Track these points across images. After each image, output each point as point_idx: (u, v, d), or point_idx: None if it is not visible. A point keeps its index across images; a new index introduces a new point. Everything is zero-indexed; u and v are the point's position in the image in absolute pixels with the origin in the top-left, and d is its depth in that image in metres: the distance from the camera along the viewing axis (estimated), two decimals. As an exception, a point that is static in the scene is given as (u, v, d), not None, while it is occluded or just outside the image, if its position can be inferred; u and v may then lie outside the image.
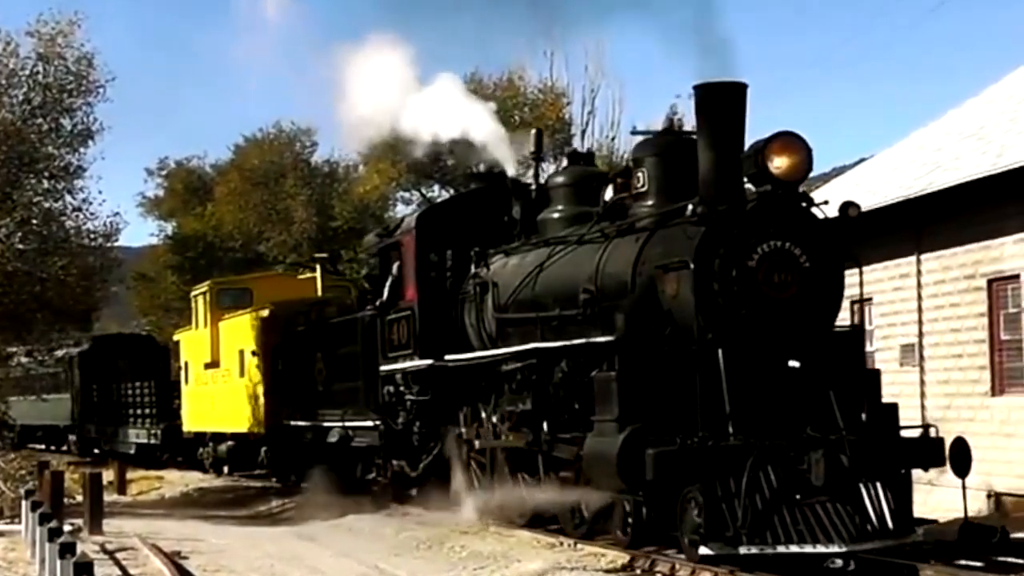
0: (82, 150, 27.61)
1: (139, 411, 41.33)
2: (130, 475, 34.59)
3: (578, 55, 47.15)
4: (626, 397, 14.57)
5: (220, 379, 33.07)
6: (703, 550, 13.61)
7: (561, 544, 16.78)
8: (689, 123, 18.85)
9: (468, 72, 45.16)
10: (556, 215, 18.69)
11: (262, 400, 30.04)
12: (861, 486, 13.89)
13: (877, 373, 15.40)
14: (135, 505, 29.36)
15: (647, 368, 14.70)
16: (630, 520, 15.53)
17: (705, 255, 14.46)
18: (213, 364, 33.52)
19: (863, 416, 14.92)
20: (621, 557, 15.37)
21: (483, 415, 19.43)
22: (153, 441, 39.58)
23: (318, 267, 32.72)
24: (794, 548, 13.45)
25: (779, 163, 14.34)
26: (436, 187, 47.33)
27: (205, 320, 33.89)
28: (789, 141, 14.46)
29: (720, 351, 14.31)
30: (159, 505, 29.37)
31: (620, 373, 14.69)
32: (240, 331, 31.43)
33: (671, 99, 37.56)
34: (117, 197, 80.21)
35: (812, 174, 15.12)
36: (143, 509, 27.81)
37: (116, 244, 30.84)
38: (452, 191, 45.70)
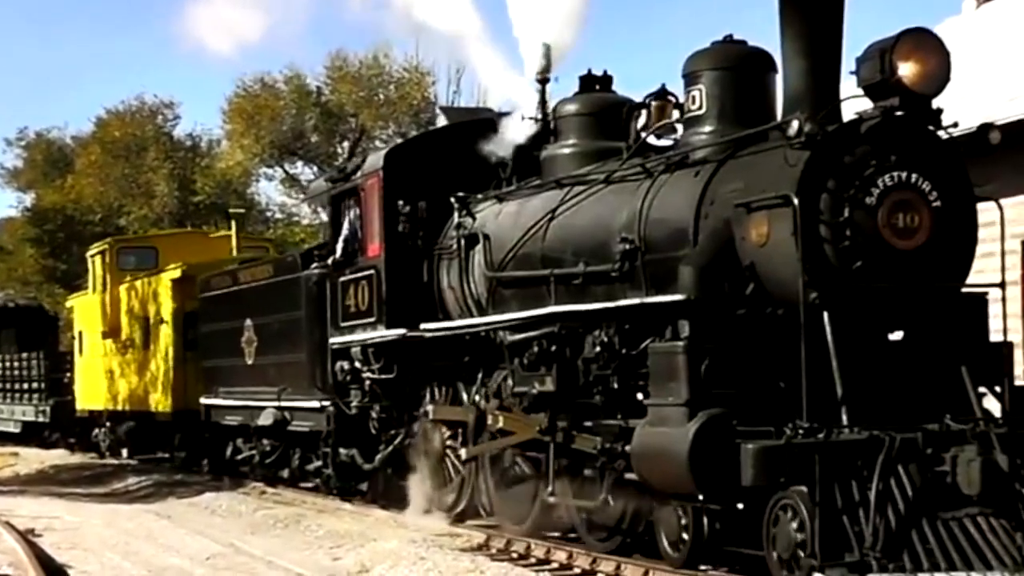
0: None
1: (25, 386, 37.49)
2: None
3: (444, 33, 46.97)
4: (698, 374, 11.29)
5: (120, 350, 29.50)
6: (820, 580, 10.33)
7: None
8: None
9: (333, 50, 47.21)
10: (568, 151, 15.30)
11: (172, 375, 26.60)
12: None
13: (1010, 347, 12.13)
14: (-12, 482, 27.43)
15: (726, 337, 11.44)
16: (685, 533, 12.27)
17: (810, 189, 11.15)
18: (112, 333, 29.93)
19: (992, 402, 11.77)
20: (477, 537, 15.14)
21: (465, 398, 16.08)
22: (41, 419, 35.83)
23: (233, 224, 29.11)
24: (943, 577, 10.22)
25: (909, 69, 11.06)
26: (299, 164, 48.71)
27: (103, 283, 30.17)
28: (923, 40, 11.21)
29: (827, 316, 11.04)
30: (13, 482, 27.55)
31: (691, 343, 11.40)
32: (145, 295, 27.87)
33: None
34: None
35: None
36: (-4, 486, 26.16)
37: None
38: (317, 168, 46.55)
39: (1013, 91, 18.10)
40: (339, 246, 18.30)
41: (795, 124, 11.13)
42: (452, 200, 16.37)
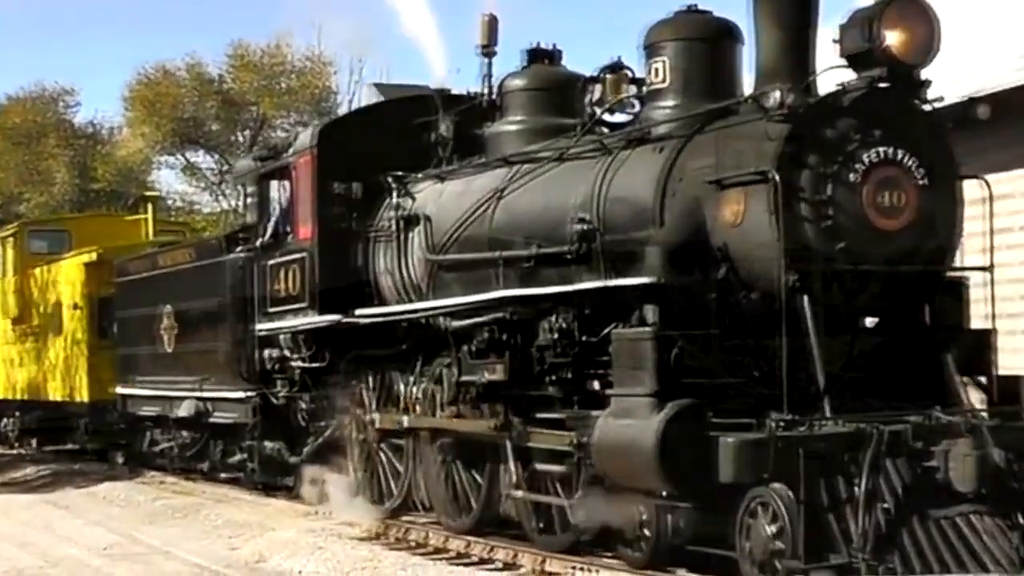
0: None
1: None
2: None
3: (346, 24, 48.04)
4: (666, 363, 10.46)
5: (30, 338, 28.23)
6: (802, 583, 9.52)
7: (316, 513, 16.45)
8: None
9: (235, 39, 46.84)
10: (514, 127, 14.42)
11: (85, 363, 25.39)
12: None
13: (990, 334, 11.38)
14: None
15: (696, 323, 10.61)
16: (646, 532, 11.43)
17: (790, 165, 10.34)
18: (22, 320, 28.64)
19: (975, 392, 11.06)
20: (375, 525, 15.00)
21: (401, 388, 15.14)
22: (-54, 410, 34.34)
23: (149, 207, 27.97)
24: (938, 581, 9.45)
25: (896, 37, 10.28)
26: (200, 152, 48.47)
27: (14, 268, 28.87)
28: (911, 7, 10.45)
29: (806, 300, 10.25)
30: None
31: (659, 329, 10.56)
32: (57, 280, 26.67)
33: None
34: None
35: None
36: None
37: None
38: (217, 156, 46.65)
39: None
40: (268, 228, 17.32)
41: (775, 95, 10.34)
42: (388, 179, 15.46)
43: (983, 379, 11.10)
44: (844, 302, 10.65)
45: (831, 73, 10.81)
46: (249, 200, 18.06)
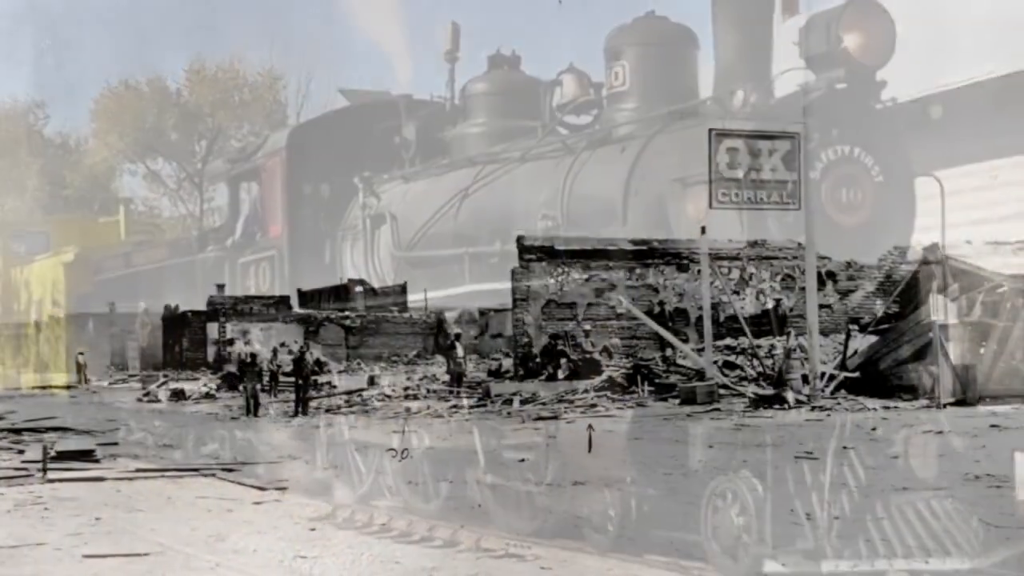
0: None
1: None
2: None
3: (296, 42, 50.93)
4: (635, 352, 9.98)
5: (11, 333, 27.48)
6: (771, 567, 9.02)
7: (271, 495, 15.47)
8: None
9: (192, 56, 47.55)
10: (477, 130, 14.03)
11: (62, 356, 24.68)
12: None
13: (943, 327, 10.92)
14: None
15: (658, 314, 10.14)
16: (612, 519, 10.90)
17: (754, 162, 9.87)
18: (3, 316, 27.87)
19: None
20: (325, 507, 14.20)
21: (370, 379, 14.62)
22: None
23: (122, 209, 27.30)
24: (901, 564, 8.96)
25: (855, 40, 9.84)
26: (160, 160, 48.49)
27: (-5, 267, 28.19)
28: (869, 10, 10.04)
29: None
30: None
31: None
32: (38, 279, 26.01)
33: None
34: None
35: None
36: None
37: None
38: (176, 164, 46.95)
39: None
40: (239, 227, 16.78)
41: (740, 95, 9.88)
42: (356, 181, 14.92)
43: (934, 368, 10.62)
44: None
45: (789, 71, 10.37)
46: (219, 201, 17.54)
